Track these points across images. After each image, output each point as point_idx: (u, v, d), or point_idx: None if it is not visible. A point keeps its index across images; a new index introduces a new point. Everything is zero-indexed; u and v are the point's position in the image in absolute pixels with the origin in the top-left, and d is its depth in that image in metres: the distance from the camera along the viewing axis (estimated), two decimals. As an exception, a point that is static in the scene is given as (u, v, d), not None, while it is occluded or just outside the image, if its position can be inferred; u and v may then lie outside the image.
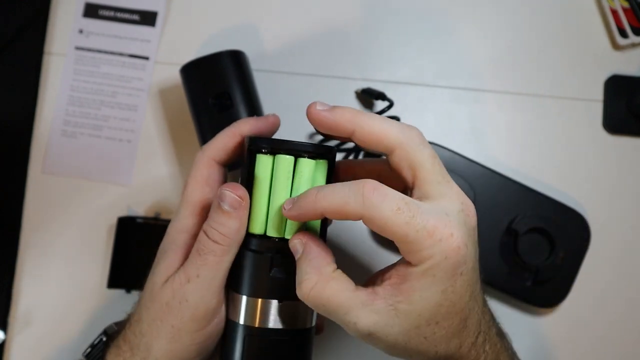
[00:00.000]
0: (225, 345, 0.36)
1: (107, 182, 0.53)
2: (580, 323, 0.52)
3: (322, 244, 0.33)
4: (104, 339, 0.40)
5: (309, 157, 0.34)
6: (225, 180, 0.39)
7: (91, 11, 0.55)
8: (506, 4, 0.55)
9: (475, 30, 0.55)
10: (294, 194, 0.34)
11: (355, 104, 0.54)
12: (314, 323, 0.37)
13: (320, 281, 0.31)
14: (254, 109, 0.48)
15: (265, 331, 0.35)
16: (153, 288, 0.36)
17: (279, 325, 0.35)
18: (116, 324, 0.41)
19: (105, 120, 0.54)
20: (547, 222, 0.49)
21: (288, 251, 0.34)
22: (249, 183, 0.35)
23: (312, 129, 0.53)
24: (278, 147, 0.34)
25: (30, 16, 0.55)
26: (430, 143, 0.50)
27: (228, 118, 0.46)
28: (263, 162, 0.35)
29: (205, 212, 0.37)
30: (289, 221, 0.34)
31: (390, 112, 0.51)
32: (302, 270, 0.32)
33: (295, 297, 0.33)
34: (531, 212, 0.50)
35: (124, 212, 0.52)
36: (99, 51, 0.55)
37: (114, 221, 0.51)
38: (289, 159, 0.34)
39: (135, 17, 0.55)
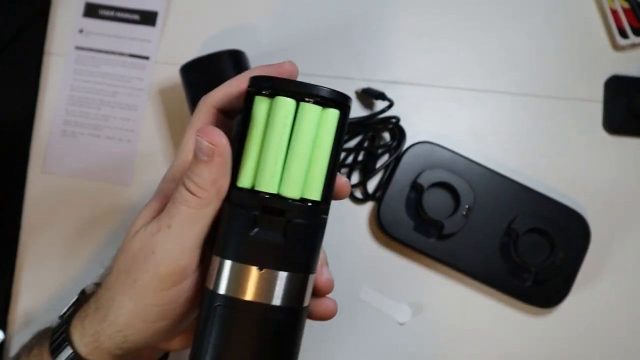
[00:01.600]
0: (198, 315, 0.31)
1: (107, 182, 0.53)
2: (580, 323, 0.52)
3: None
4: (78, 297, 0.37)
5: (314, 103, 0.29)
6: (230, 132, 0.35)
7: (91, 11, 0.55)
8: (506, 5, 0.55)
9: (475, 31, 0.55)
10: (292, 147, 0.29)
11: (355, 103, 0.54)
12: (306, 303, 0.30)
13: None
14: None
15: (235, 302, 0.29)
16: (126, 237, 0.32)
17: (254, 298, 0.29)
18: (96, 284, 0.38)
19: (105, 120, 0.54)
20: (547, 222, 0.49)
21: (280, 211, 0.29)
22: (243, 129, 0.30)
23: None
24: (281, 88, 0.29)
25: (30, 16, 0.55)
26: (431, 143, 0.51)
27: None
28: (261, 105, 0.30)
29: None
30: (287, 174, 0.29)
31: (390, 112, 0.51)
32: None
33: (281, 267, 0.29)
34: (531, 212, 0.50)
35: (123, 212, 0.52)
36: (99, 51, 0.55)
37: (113, 221, 0.51)
38: (289, 102, 0.29)
39: (136, 16, 0.55)
